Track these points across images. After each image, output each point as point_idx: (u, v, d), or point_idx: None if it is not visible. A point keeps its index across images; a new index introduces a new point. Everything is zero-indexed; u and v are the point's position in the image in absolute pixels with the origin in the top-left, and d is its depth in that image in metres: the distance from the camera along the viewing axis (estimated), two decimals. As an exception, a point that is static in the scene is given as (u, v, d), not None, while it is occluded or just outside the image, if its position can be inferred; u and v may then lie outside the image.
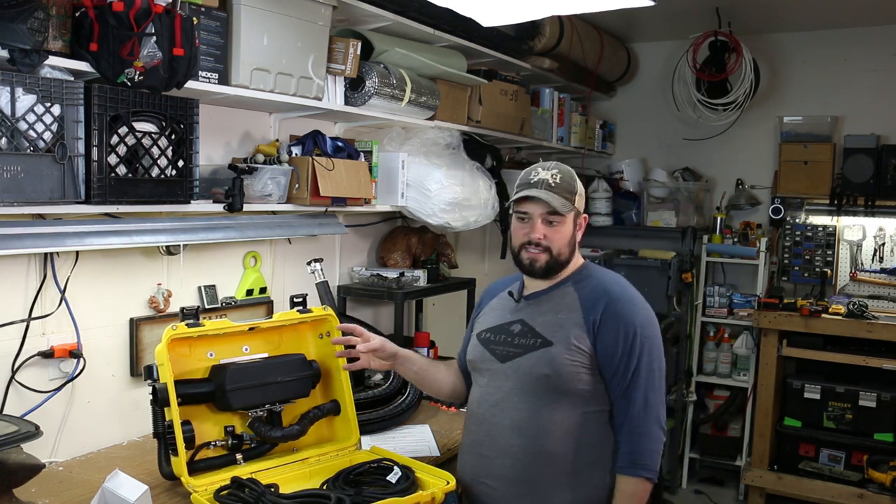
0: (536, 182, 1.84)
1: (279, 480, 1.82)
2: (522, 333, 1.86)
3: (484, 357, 1.91)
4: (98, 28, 1.76)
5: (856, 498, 3.75)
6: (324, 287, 2.49)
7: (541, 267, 1.86)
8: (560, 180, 1.84)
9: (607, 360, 1.79)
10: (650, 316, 1.86)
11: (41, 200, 1.75)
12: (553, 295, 1.89)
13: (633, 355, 1.78)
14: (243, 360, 1.97)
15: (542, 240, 1.84)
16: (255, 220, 2.43)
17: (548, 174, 1.85)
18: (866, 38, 4.24)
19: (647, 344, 1.80)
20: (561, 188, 1.83)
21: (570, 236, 1.87)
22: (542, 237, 1.84)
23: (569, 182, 1.86)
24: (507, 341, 1.88)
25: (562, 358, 1.78)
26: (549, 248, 1.84)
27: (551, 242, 1.84)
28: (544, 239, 1.84)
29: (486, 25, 2.70)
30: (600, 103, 4.92)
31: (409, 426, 2.41)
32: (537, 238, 1.84)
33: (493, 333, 1.93)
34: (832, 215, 4.25)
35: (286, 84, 2.31)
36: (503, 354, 1.87)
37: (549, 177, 1.84)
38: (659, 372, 1.82)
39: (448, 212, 2.95)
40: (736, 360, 4.45)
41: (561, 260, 1.86)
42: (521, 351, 1.84)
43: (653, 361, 1.80)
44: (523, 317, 1.89)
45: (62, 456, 2.04)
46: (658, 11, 3.28)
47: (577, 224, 1.90)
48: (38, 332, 2.01)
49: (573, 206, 1.85)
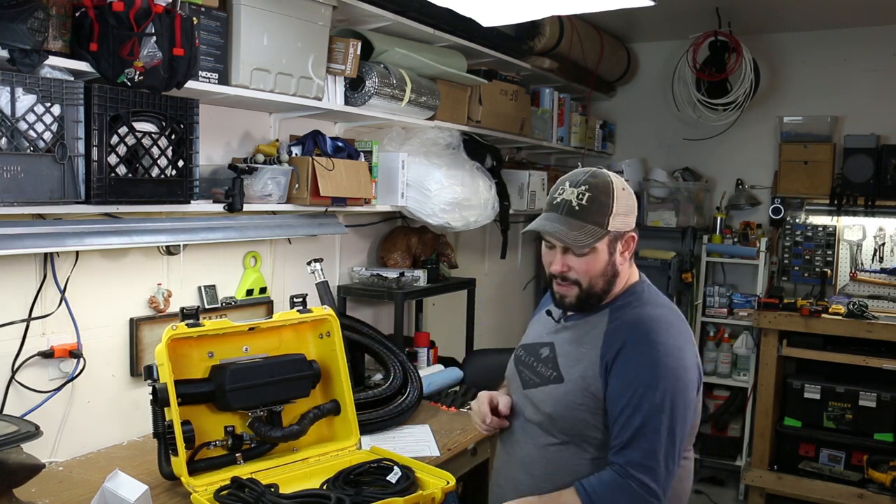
0: (558, 204, 1.60)
1: (279, 480, 1.82)
2: (546, 361, 1.69)
3: (514, 377, 1.78)
4: (98, 28, 1.76)
5: (856, 498, 3.75)
6: (324, 287, 2.49)
7: (571, 303, 1.64)
8: (587, 201, 1.57)
9: (611, 406, 1.56)
10: (675, 366, 1.55)
11: (41, 200, 1.75)
12: (588, 321, 1.66)
13: (636, 412, 1.51)
14: (243, 360, 1.97)
15: (568, 272, 1.62)
16: (255, 220, 2.43)
17: (573, 193, 1.58)
18: (866, 38, 4.24)
19: (661, 398, 1.51)
20: (587, 212, 1.57)
21: (605, 265, 1.61)
22: (567, 269, 1.62)
23: (600, 201, 1.57)
24: (532, 366, 1.72)
25: (568, 399, 1.60)
26: (579, 282, 1.62)
27: (579, 275, 1.61)
28: (569, 271, 1.62)
29: (486, 25, 2.70)
30: (600, 103, 4.93)
31: (409, 426, 2.41)
32: (560, 272, 1.62)
33: (525, 353, 1.78)
34: (832, 215, 4.25)
35: (286, 84, 2.31)
36: (526, 380, 1.72)
37: (573, 197, 1.58)
38: (669, 434, 1.52)
39: (448, 212, 2.95)
40: (736, 360, 4.45)
41: (595, 292, 1.62)
42: (539, 381, 1.68)
43: (660, 423, 1.50)
44: (554, 341, 1.70)
45: (62, 456, 2.04)
46: (658, 11, 3.28)
47: (615, 249, 1.62)
48: (38, 332, 2.01)
49: (603, 232, 1.58)
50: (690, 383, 1.58)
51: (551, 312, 1.77)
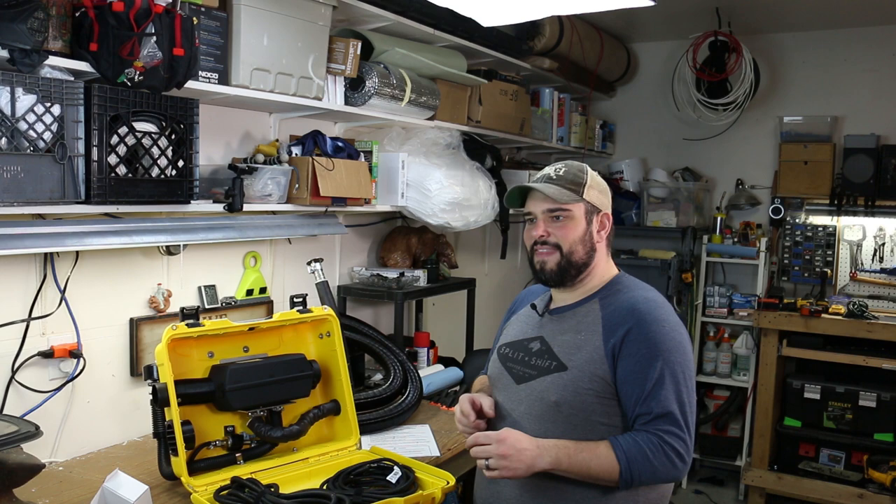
0: (537, 178, 1.74)
1: (279, 480, 1.82)
2: (540, 353, 1.71)
3: (501, 375, 1.79)
4: (98, 28, 1.76)
5: (856, 498, 3.75)
6: (324, 287, 2.49)
7: (552, 269, 1.70)
8: (563, 173, 1.72)
9: (626, 388, 1.59)
10: (681, 340, 1.64)
11: (41, 200, 1.75)
12: (577, 312, 1.72)
13: (659, 385, 1.57)
14: (243, 360, 1.97)
15: (548, 237, 1.70)
16: (255, 220, 2.43)
17: (551, 169, 1.74)
18: (866, 38, 4.24)
19: (674, 370, 1.59)
20: (563, 179, 1.70)
21: (583, 233, 1.70)
22: (547, 234, 1.70)
23: (574, 174, 1.72)
24: (524, 360, 1.74)
25: (576, 385, 1.62)
26: (559, 246, 1.69)
27: (560, 239, 1.69)
28: (549, 236, 1.70)
29: (486, 25, 2.70)
30: (600, 103, 4.92)
31: (409, 426, 2.41)
32: (540, 235, 1.70)
33: (512, 350, 1.80)
34: (832, 215, 4.25)
35: (286, 84, 2.31)
36: (519, 375, 1.73)
37: (551, 171, 1.73)
38: (690, 405, 1.60)
39: (448, 212, 2.95)
40: (736, 360, 4.45)
41: (574, 260, 1.69)
42: (536, 373, 1.69)
43: (681, 393, 1.58)
44: (544, 334, 1.74)
45: (62, 456, 2.04)
46: (658, 11, 3.28)
47: (592, 221, 1.72)
48: (38, 332, 2.01)
49: (579, 196, 1.69)
50: (690, 353, 1.67)
51: (535, 306, 1.81)
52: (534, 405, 1.68)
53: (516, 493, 1.68)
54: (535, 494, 1.66)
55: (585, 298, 1.73)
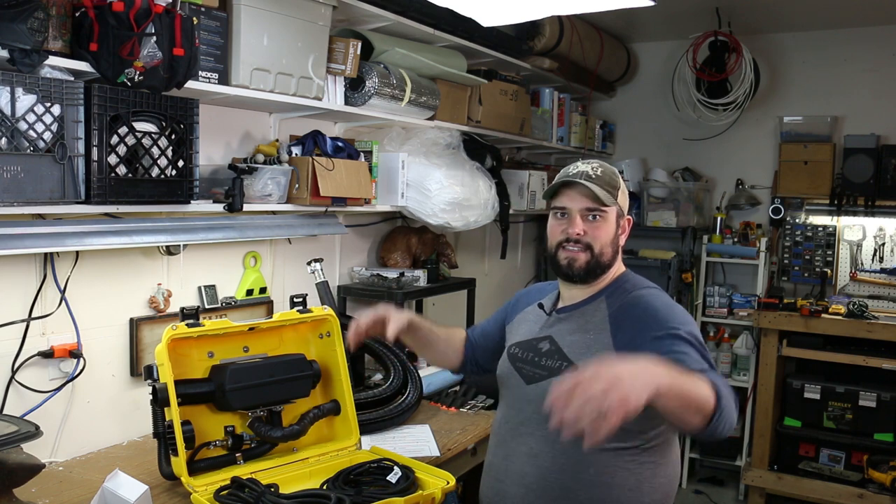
0: (576, 174, 1.69)
1: (279, 480, 1.82)
2: (549, 353, 1.71)
3: (511, 375, 1.78)
4: (98, 28, 1.76)
5: (856, 498, 3.75)
6: (324, 287, 2.49)
7: (580, 267, 1.69)
8: (601, 173, 1.70)
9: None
10: (690, 319, 1.65)
11: (41, 200, 1.75)
12: (585, 310, 1.72)
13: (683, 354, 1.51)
14: (243, 360, 1.97)
15: (583, 236, 1.67)
16: (255, 220, 2.43)
17: (588, 167, 1.70)
18: (866, 38, 4.24)
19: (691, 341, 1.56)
20: (602, 180, 1.68)
21: (614, 236, 1.71)
22: (583, 233, 1.67)
23: (611, 176, 1.71)
24: (534, 361, 1.73)
25: None
26: (591, 246, 1.68)
27: (593, 239, 1.67)
28: (585, 235, 1.67)
29: (486, 25, 2.70)
30: (600, 103, 4.93)
31: (409, 426, 2.41)
32: (577, 234, 1.67)
33: (521, 350, 1.79)
34: (832, 215, 4.25)
35: (286, 84, 2.31)
36: (529, 375, 1.72)
37: (589, 169, 1.69)
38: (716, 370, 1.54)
39: (448, 212, 2.95)
40: (736, 360, 4.45)
41: (603, 261, 1.69)
42: (546, 374, 1.68)
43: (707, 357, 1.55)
44: (552, 334, 1.73)
45: (62, 456, 2.04)
46: (658, 11, 3.28)
47: (619, 225, 1.73)
48: (38, 332, 2.01)
49: (616, 200, 1.70)
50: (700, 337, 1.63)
51: (542, 305, 1.80)
52: (544, 405, 1.66)
53: (521, 493, 1.68)
54: (540, 494, 1.65)
55: (593, 296, 1.73)
